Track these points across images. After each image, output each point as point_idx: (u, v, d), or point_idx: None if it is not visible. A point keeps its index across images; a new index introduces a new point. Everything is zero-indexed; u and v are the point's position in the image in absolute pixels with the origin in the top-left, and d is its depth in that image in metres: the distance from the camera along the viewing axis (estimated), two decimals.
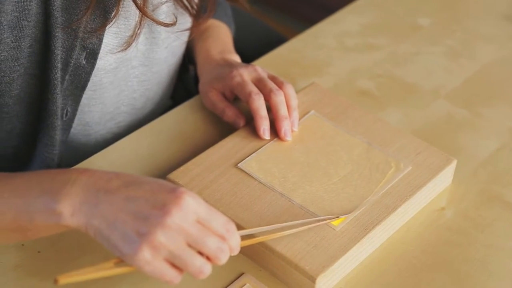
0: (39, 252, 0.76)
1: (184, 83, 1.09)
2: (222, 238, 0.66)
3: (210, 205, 0.67)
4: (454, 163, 0.85)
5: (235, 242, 0.67)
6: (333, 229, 0.76)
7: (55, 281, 0.64)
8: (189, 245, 0.65)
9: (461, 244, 0.80)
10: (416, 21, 1.16)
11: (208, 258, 0.66)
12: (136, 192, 0.65)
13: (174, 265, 0.65)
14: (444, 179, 0.85)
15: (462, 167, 0.88)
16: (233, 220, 0.76)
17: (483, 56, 1.08)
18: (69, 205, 0.65)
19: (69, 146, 0.94)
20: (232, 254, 0.68)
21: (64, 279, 0.64)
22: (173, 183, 0.67)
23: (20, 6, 0.76)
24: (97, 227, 0.65)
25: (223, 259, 0.66)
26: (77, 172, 0.67)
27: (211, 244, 0.65)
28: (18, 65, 0.80)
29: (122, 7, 0.83)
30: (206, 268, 0.65)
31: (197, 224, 0.65)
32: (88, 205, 0.65)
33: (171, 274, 0.65)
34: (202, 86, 0.95)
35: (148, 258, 0.63)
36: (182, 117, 0.95)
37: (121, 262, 0.66)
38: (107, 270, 0.66)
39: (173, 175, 0.81)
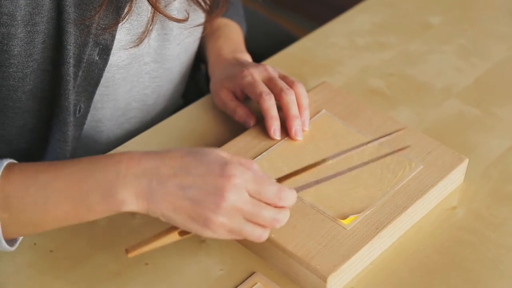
0: (51, 251, 0.77)
1: (195, 82, 1.09)
2: (276, 206, 0.70)
3: (258, 174, 0.70)
4: (465, 162, 0.85)
5: (290, 202, 0.71)
6: (344, 228, 0.76)
7: (126, 252, 0.70)
8: (247, 219, 0.70)
9: (472, 243, 0.80)
10: (427, 19, 1.15)
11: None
12: (187, 179, 0.69)
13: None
14: (455, 178, 0.85)
15: (474, 166, 0.88)
16: None
17: (495, 54, 1.08)
18: (127, 196, 0.69)
19: (80, 142, 0.94)
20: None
21: (133, 252, 0.70)
22: (217, 156, 0.70)
23: (33, 2, 0.77)
24: (160, 213, 0.69)
25: (280, 224, 0.71)
26: (125, 160, 0.70)
27: (266, 216, 0.70)
28: (31, 61, 0.80)
29: (135, 2, 0.83)
30: (264, 235, 0.71)
31: (251, 200, 0.69)
32: (144, 195, 0.69)
33: (237, 237, 0.71)
34: (213, 85, 0.95)
35: (213, 235, 0.70)
36: (194, 116, 0.95)
37: (184, 232, 0.72)
38: (172, 239, 0.72)
39: None
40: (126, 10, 0.82)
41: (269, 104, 0.87)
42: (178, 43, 0.94)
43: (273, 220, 0.70)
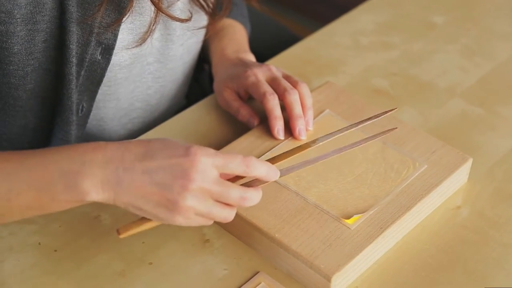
0: (55, 251, 0.77)
1: (199, 82, 1.09)
2: (246, 173, 0.70)
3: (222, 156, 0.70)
4: (469, 162, 0.85)
5: (258, 171, 0.70)
6: (348, 228, 0.76)
7: (118, 233, 0.71)
8: (215, 200, 0.69)
9: (477, 242, 0.80)
10: (430, 19, 1.15)
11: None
12: (152, 163, 0.68)
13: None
14: (459, 178, 0.85)
15: (478, 166, 0.88)
16: (248, 220, 0.76)
17: (499, 54, 1.08)
18: (92, 185, 0.68)
19: (83, 142, 0.94)
20: (271, 180, 0.72)
21: (124, 233, 0.71)
22: (181, 141, 0.70)
23: (34, 1, 0.77)
24: (127, 202, 0.69)
25: (249, 203, 0.70)
26: (90, 149, 0.69)
27: (234, 195, 0.69)
28: (32, 59, 0.81)
29: (137, 2, 0.83)
30: (231, 215, 0.71)
31: (218, 180, 0.69)
32: (110, 183, 0.68)
33: (205, 222, 0.71)
34: (216, 85, 0.95)
35: (183, 220, 0.69)
36: (197, 116, 0.95)
37: None
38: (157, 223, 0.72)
39: None
40: (128, 7, 0.82)
41: (273, 104, 0.87)
42: (181, 44, 0.94)
43: (240, 199, 0.70)
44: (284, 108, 0.88)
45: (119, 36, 0.85)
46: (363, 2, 1.18)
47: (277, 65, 0.94)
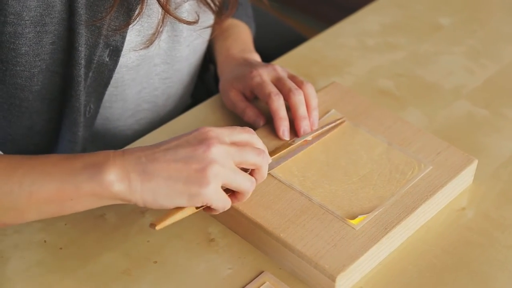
0: (61, 248, 0.77)
1: (204, 82, 1.09)
2: (249, 138, 0.74)
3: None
4: (475, 163, 0.85)
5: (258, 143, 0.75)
6: (353, 228, 0.76)
7: (152, 226, 0.70)
8: (236, 164, 0.71)
9: (481, 244, 0.80)
10: (436, 20, 1.15)
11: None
12: (170, 145, 0.70)
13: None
14: (464, 179, 0.85)
15: (483, 167, 0.88)
16: (253, 220, 0.76)
17: (504, 56, 1.08)
18: (116, 174, 0.68)
19: (89, 143, 0.95)
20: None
21: (160, 225, 0.70)
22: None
23: (44, 3, 0.77)
24: (155, 188, 0.69)
25: (266, 160, 0.75)
26: (112, 151, 0.71)
27: (251, 151, 0.73)
28: (39, 60, 0.81)
29: (146, 4, 0.84)
30: (252, 185, 0.73)
31: (233, 145, 0.72)
32: (136, 172, 0.69)
33: (228, 201, 0.73)
34: (222, 85, 0.95)
35: (215, 188, 0.70)
36: (202, 116, 0.95)
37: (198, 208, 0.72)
38: (191, 211, 0.72)
39: None
40: (137, 12, 0.82)
41: (278, 105, 0.87)
42: (188, 45, 0.94)
43: (258, 155, 0.72)
44: (289, 108, 0.88)
45: (127, 38, 0.85)
46: (369, 3, 1.18)
47: (282, 65, 0.94)
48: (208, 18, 0.94)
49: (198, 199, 0.69)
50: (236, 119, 0.93)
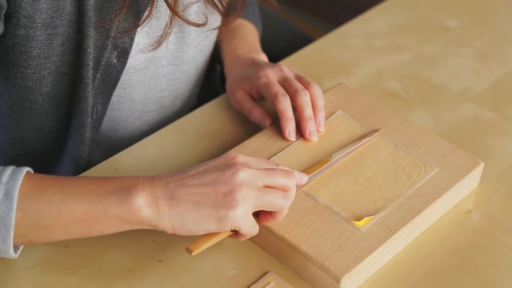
0: (66, 246, 0.77)
1: (210, 82, 1.09)
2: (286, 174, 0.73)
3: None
4: (481, 166, 0.85)
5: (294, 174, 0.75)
6: (359, 229, 0.76)
7: (189, 251, 0.70)
8: (265, 186, 0.71)
9: (487, 247, 0.80)
10: (444, 22, 1.15)
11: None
12: (198, 169, 0.71)
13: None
14: (471, 182, 0.85)
15: (489, 170, 0.88)
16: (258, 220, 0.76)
17: None
18: (145, 199, 0.69)
19: (96, 143, 0.95)
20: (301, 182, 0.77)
21: (196, 250, 0.70)
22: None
23: (55, 5, 0.77)
24: (183, 213, 0.69)
25: (296, 180, 0.74)
26: (142, 176, 0.71)
27: (281, 173, 0.73)
28: (49, 63, 0.81)
29: (155, 7, 0.83)
30: (286, 200, 0.72)
31: (261, 164, 0.73)
32: (164, 197, 0.69)
33: (256, 226, 0.72)
34: (229, 85, 0.95)
35: (243, 211, 0.69)
36: (209, 115, 0.95)
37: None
38: (226, 234, 0.72)
39: None
40: (146, 14, 0.82)
41: (284, 105, 0.87)
42: (195, 46, 0.94)
43: (287, 176, 0.72)
44: (296, 109, 0.88)
45: (135, 40, 0.85)
46: (376, 4, 1.18)
47: (289, 66, 0.94)
48: (216, 20, 0.94)
49: (226, 223, 0.69)
50: (243, 119, 0.93)
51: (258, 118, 0.90)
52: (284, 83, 0.89)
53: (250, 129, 0.92)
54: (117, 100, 0.91)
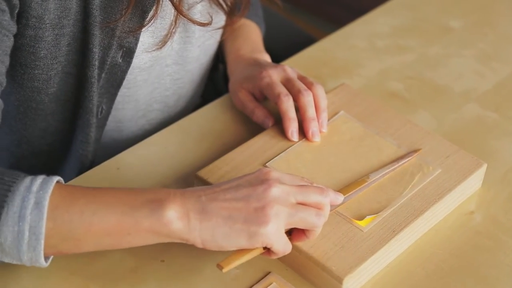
0: None
1: (213, 82, 1.09)
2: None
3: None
4: (484, 167, 0.85)
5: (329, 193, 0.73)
6: (361, 230, 0.76)
7: (220, 268, 0.69)
8: (298, 202, 0.70)
9: (490, 248, 0.79)
10: (447, 23, 1.15)
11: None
12: (231, 184, 0.70)
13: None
14: (473, 183, 0.85)
15: (492, 171, 0.88)
16: None
17: None
18: (176, 211, 0.67)
19: (101, 143, 0.95)
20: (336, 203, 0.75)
21: (227, 267, 0.69)
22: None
23: (62, 5, 0.77)
24: (214, 227, 0.68)
25: (329, 199, 0.72)
26: (173, 189, 0.70)
27: (314, 190, 0.71)
28: (56, 63, 0.81)
29: (160, 7, 0.83)
30: (320, 219, 0.70)
31: (294, 181, 0.71)
32: (195, 210, 0.68)
33: (289, 244, 0.71)
34: (232, 85, 0.95)
35: (275, 227, 0.68)
36: (212, 115, 0.95)
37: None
38: (258, 252, 0.70)
39: (201, 173, 0.82)
40: (151, 14, 0.82)
41: (287, 106, 0.87)
42: (199, 45, 0.94)
43: (321, 194, 0.70)
44: (298, 109, 0.88)
45: (140, 39, 0.85)
46: (379, 5, 1.18)
47: (292, 66, 0.94)
48: (220, 19, 0.94)
49: (257, 239, 0.68)
50: (246, 119, 0.93)
51: (260, 118, 0.90)
52: (287, 83, 0.89)
53: (253, 129, 0.92)
54: (122, 99, 0.91)
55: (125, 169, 0.86)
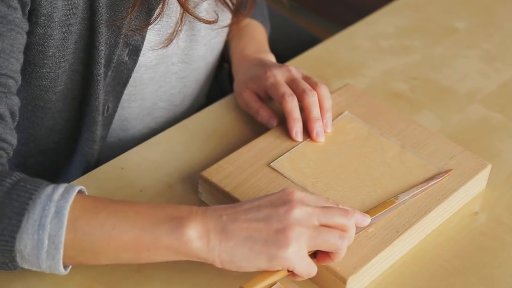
0: None
1: (218, 81, 1.09)
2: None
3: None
4: (488, 168, 0.85)
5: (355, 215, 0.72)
6: (365, 231, 0.76)
7: None
8: (321, 224, 0.68)
9: (494, 249, 0.79)
10: (452, 24, 1.15)
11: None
12: (253, 204, 0.69)
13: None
14: (478, 184, 0.85)
15: (497, 172, 0.88)
16: None
17: None
18: (196, 230, 0.67)
19: (107, 141, 0.95)
20: (362, 225, 0.73)
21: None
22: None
23: (69, 3, 0.78)
24: (233, 248, 0.67)
25: (354, 221, 0.70)
26: (195, 206, 0.69)
27: (338, 212, 0.69)
28: (64, 61, 0.81)
29: (166, 5, 0.83)
30: (344, 241, 0.69)
31: (318, 202, 0.70)
32: (215, 230, 0.67)
33: (313, 266, 0.69)
34: (236, 85, 0.95)
35: (296, 250, 0.67)
36: (217, 115, 0.95)
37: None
38: (283, 274, 0.69)
39: (206, 173, 0.82)
40: (157, 12, 0.82)
41: (291, 106, 0.87)
42: (205, 44, 0.94)
43: (345, 215, 0.69)
44: (303, 109, 0.88)
45: (147, 37, 0.85)
46: (384, 5, 1.18)
47: (297, 67, 0.94)
48: (226, 17, 0.94)
49: (277, 262, 0.67)
50: (250, 119, 0.93)
51: (265, 118, 0.90)
52: (292, 83, 0.89)
53: (257, 129, 0.92)
54: (128, 98, 0.91)
55: (130, 169, 0.86)
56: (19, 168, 0.92)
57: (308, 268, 0.68)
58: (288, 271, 0.69)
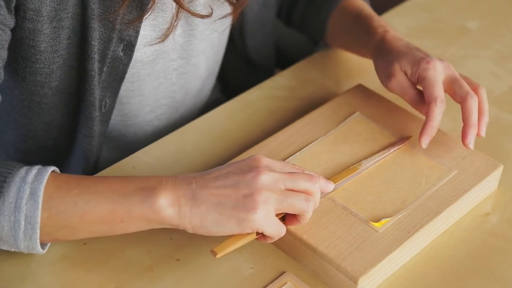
0: (85, 244, 0.77)
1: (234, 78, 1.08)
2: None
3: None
4: (500, 169, 0.84)
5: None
6: (376, 231, 0.76)
7: (213, 253, 0.70)
8: (288, 189, 0.71)
9: (505, 250, 0.79)
10: (464, 24, 1.14)
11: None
12: (221, 172, 0.71)
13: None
14: (489, 184, 0.84)
15: (509, 173, 0.87)
16: None
17: None
18: (167, 198, 0.69)
19: (108, 138, 0.95)
20: (327, 191, 0.76)
21: (220, 252, 0.70)
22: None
23: None
24: (203, 213, 0.69)
25: (319, 186, 0.73)
26: (165, 176, 0.72)
27: (304, 177, 0.72)
28: (57, 57, 0.82)
29: None
30: (309, 204, 0.72)
31: (284, 167, 0.73)
32: (186, 197, 0.69)
33: (282, 227, 0.72)
34: (385, 65, 0.90)
35: (264, 213, 0.69)
36: (227, 115, 0.95)
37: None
38: (251, 238, 0.71)
39: None
40: (149, 4, 0.82)
41: (437, 113, 0.83)
42: (204, 39, 0.94)
43: (310, 180, 0.72)
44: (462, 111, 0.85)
45: (142, 33, 0.85)
46: (395, 5, 1.18)
47: (308, 66, 0.94)
48: (223, 11, 0.93)
49: (247, 225, 0.69)
50: (261, 119, 0.93)
51: (423, 109, 0.86)
52: (453, 83, 0.86)
53: (268, 129, 0.92)
54: (126, 94, 0.92)
55: (141, 168, 0.87)
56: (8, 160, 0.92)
57: (277, 229, 0.71)
58: (257, 234, 0.71)
